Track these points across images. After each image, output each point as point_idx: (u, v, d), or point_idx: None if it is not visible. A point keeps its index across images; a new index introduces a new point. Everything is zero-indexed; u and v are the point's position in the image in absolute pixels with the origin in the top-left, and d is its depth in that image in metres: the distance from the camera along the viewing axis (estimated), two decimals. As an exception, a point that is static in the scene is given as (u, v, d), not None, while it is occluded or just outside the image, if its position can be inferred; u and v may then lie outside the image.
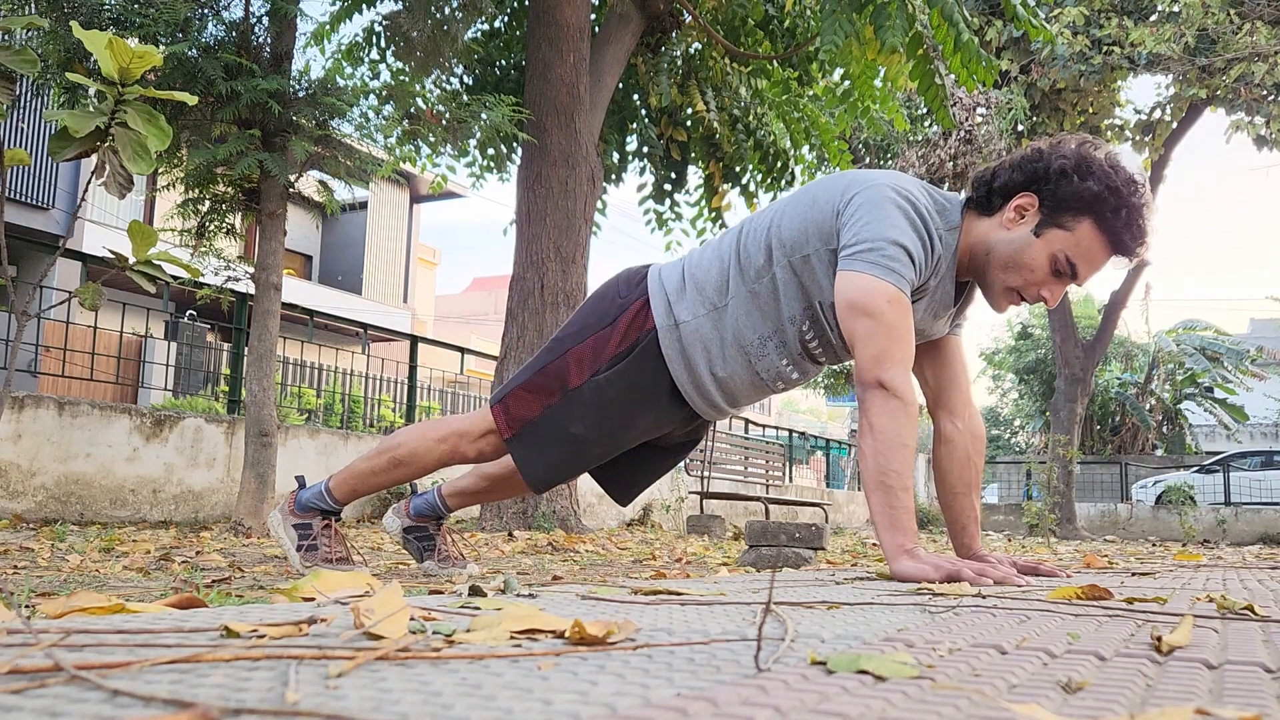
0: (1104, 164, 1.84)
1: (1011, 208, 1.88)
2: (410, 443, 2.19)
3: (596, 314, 2.08)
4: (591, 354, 2.02)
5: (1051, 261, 1.86)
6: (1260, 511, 13.31)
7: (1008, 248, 1.88)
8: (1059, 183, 1.83)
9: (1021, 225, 1.88)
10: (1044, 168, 1.86)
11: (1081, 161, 1.84)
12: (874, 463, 1.78)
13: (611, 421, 2.02)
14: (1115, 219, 1.82)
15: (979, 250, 1.92)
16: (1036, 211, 1.86)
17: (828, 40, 4.82)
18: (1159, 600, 1.31)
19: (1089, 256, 1.85)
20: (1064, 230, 1.84)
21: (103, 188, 2.22)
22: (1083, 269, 1.87)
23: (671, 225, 7.28)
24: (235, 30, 4.20)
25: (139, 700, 0.50)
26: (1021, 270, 1.88)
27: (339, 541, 2.29)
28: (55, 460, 4.75)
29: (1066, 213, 1.84)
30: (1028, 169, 1.89)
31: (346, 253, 20.62)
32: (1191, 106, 11.44)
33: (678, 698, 0.55)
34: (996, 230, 1.90)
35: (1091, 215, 1.82)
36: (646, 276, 2.09)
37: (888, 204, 1.83)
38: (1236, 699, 0.62)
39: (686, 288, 2.01)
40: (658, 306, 2.01)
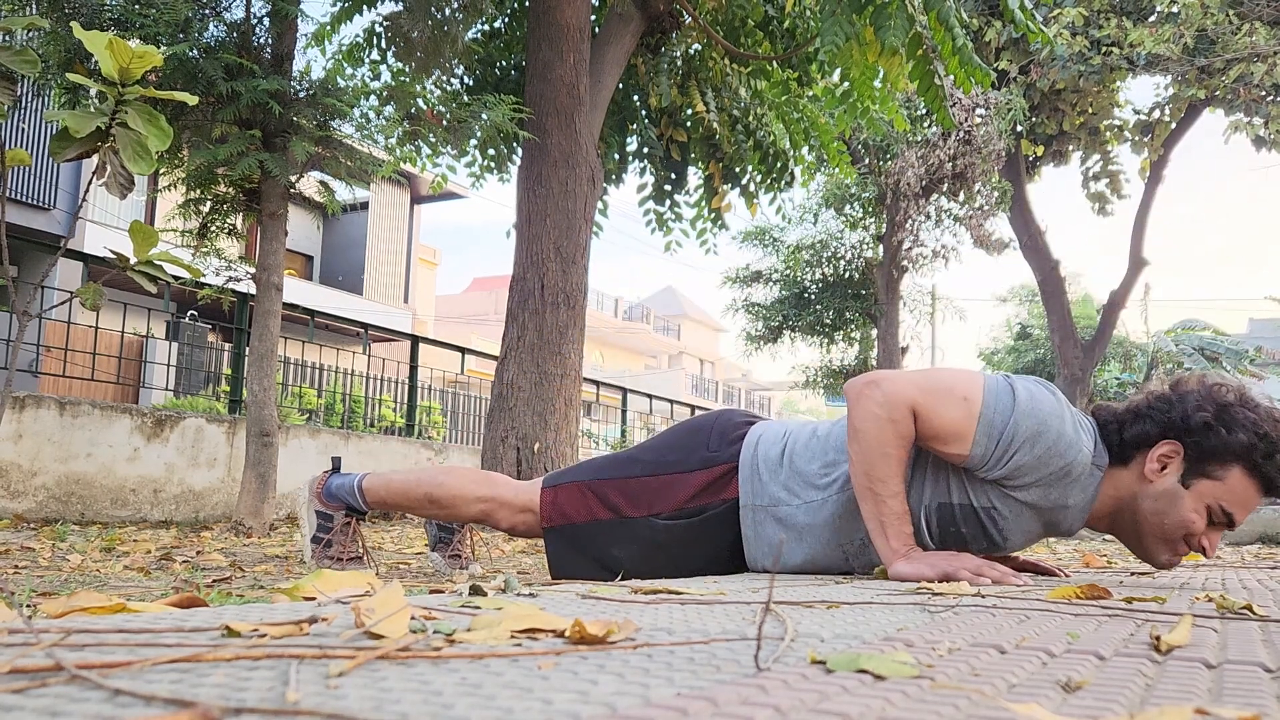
0: (1246, 411, 1.77)
1: (1154, 458, 1.80)
2: (453, 488, 2.17)
3: (681, 451, 2.02)
4: (658, 493, 1.98)
5: (1207, 513, 1.78)
6: (1259, 511, 13.28)
7: (1157, 503, 1.80)
8: (1204, 435, 1.76)
9: (1166, 476, 1.80)
10: (1181, 418, 1.78)
11: (1222, 412, 1.77)
12: (862, 470, 1.77)
13: (652, 561, 1.98)
14: (1268, 464, 1.75)
15: (1126, 505, 1.84)
16: (1180, 461, 1.79)
17: (828, 41, 4.82)
18: (1158, 600, 1.31)
19: (1244, 502, 1.78)
20: (1213, 480, 1.77)
21: (104, 188, 2.22)
22: (1238, 515, 1.79)
23: (671, 226, 7.28)
24: (236, 31, 4.20)
25: (140, 700, 0.50)
26: (1178, 525, 1.79)
27: (355, 541, 2.29)
28: (56, 460, 4.75)
29: (1213, 461, 1.76)
30: (1160, 420, 1.80)
31: (347, 253, 20.62)
32: (1190, 107, 11.45)
33: (678, 697, 0.55)
34: (1138, 483, 1.82)
35: (1242, 463, 1.75)
36: (744, 437, 2.01)
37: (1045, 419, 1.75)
38: (1236, 698, 0.63)
39: (784, 469, 1.93)
40: (746, 482, 1.94)
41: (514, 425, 5.05)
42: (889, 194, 12.19)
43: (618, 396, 11.06)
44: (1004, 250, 12.80)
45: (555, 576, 2.10)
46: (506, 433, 5.04)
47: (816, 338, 14.95)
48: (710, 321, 49.46)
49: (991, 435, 1.74)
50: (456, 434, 11.35)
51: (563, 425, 5.13)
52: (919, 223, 12.59)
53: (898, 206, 12.22)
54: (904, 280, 13.33)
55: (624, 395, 11.03)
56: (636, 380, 30.91)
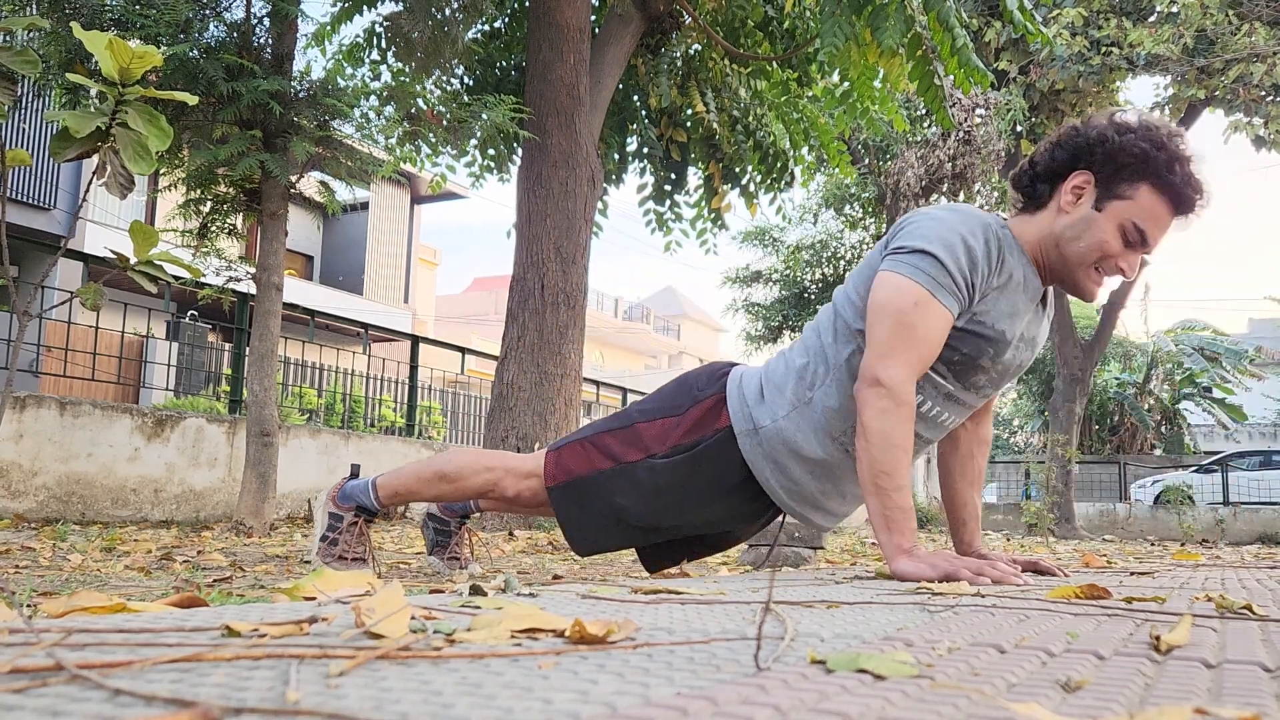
0: (1142, 123, 1.84)
1: (1067, 189, 1.87)
2: (459, 461, 2.20)
3: (671, 399, 2.07)
4: (653, 435, 2.01)
5: (1121, 233, 1.84)
6: (1259, 511, 13.30)
7: (1073, 230, 1.86)
8: (1104, 149, 1.82)
9: (1080, 205, 1.86)
10: (1084, 140, 1.85)
11: (1120, 124, 1.84)
12: (867, 465, 1.77)
13: (656, 504, 1.99)
14: (1171, 174, 1.80)
15: (1047, 244, 1.90)
16: (1093, 188, 1.85)
17: (827, 42, 4.82)
18: (1158, 599, 1.31)
19: (1155, 219, 1.83)
20: (1124, 199, 1.83)
21: (104, 188, 2.22)
22: (1152, 233, 1.84)
23: (671, 226, 7.29)
24: (236, 31, 4.21)
25: (140, 699, 0.50)
26: (1095, 248, 1.85)
27: (361, 541, 2.30)
28: (57, 460, 4.75)
29: (1122, 181, 1.82)
30: (1068, 145, 1.88)
31: (347, 253, 20.62)
32: (1190, 107, 11.44)
33: (678, 697, 0.55)
34: (1057, 218, 1.88)
35: (1147, 177, 1.81)
36: (728, 375, 2.07)
37: (929, 219, 1.82)
38: (1235, 698, 0.63)
39: (765, 392, 1.98)
40: (735, 410, 1.98)
41: (514, 425, 5.05)
42: (889, 194, 12.19)
43: (618, 396, 11.07)
44: (1004, 250, 12.79)
45: (568, 538, 2.10)
46: (506, 433, 5.04)
47: (816, 338, 14.93)
48: (710, 321, 49.47)
49: (954, 291, 1.79)
50: (456, 434, 11.36)
51: (563, 425, 5.13)
52: (919, 223, 12.57)
53: (898, 206, 12.22)
54: (904, 280, 13.30)
55: (624, 395, 11.03)
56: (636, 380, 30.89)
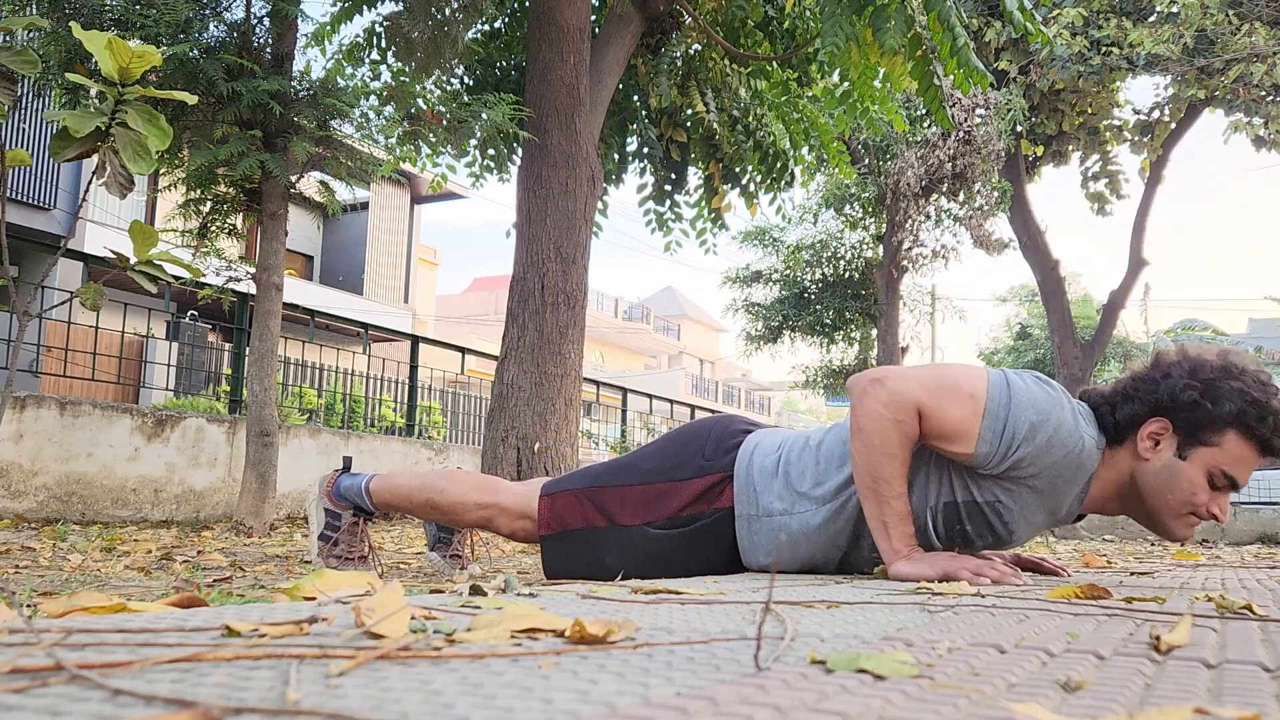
0: (1231, 382, 1.76)
1: (1145, 435, 1.80)
2: (454, 494, 2.18)
3: (676, 459, 2.02)
4: (652, 500, 1.98)
5: (1209, 479, 1.78)
6: (1259, 511, 13.27)
7: (1157, 479, 1.80)
8: (1193, 411, 1.76)
9: (1161, 452, 1.80)
10: (1168, 397, 1.78)
11: (1209, 387, 1.76)
12: (865, 470, 1.76)
13: (644, 569, 1.98)
14: (1261, 427, 1.75)
15: (1126, 483, 1.84)
16: (1172, 435, 1.79)
17: (828, 42, 4.82)
18: (1158, 600, 1.31)
19: (1243, 464, 1.77)
20: (1210, 447, 1.77)
21: (104, 188, 2.22)
22: (1240, 476, 1.79)
23: (671, 226, 7.28)
24: (236, 31, 4.20)
25: (140, 699, 0.50)
26: (1182, 496, 1.79)
27: (361, 541, 2.30)
28: (57, 460, 4.75)
29: (1206, 430, 1.76)
30: (1148, 400, 1.81)
31: (347, 253, 20.62)
32: (1190, 107, 11.44)
33: (678, 697, 0.55)
34: (1135, 461, 1.82)
35: (1235, 428, 1.75)
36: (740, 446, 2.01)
37: (1047, 397, 1.77)
38: (1235, 698, 0.63)
39: (780, 477, 1.93)
40: (741, 492, 1.94)
41: (514, 425, 5.05)
42: (889, 194, 12.19)
43: (618, 396, 11.07)
44: (1004, 250, 12.80)
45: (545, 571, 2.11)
46: (507, 433, 5.04)
47: (816, 338, 14.95)
48: (710, 321, 49.46)
49: (996, 431, 1.73)
50: (456, 434, 11.35)
51: (563, 425, 5.13)
52: (919, 223, 12.59)
53: (897, 206, 12.22)
54: (904, 280, 13.32)
55: (624, 395, 11.03)
56: (636, 380, 30.90)
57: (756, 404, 47.03)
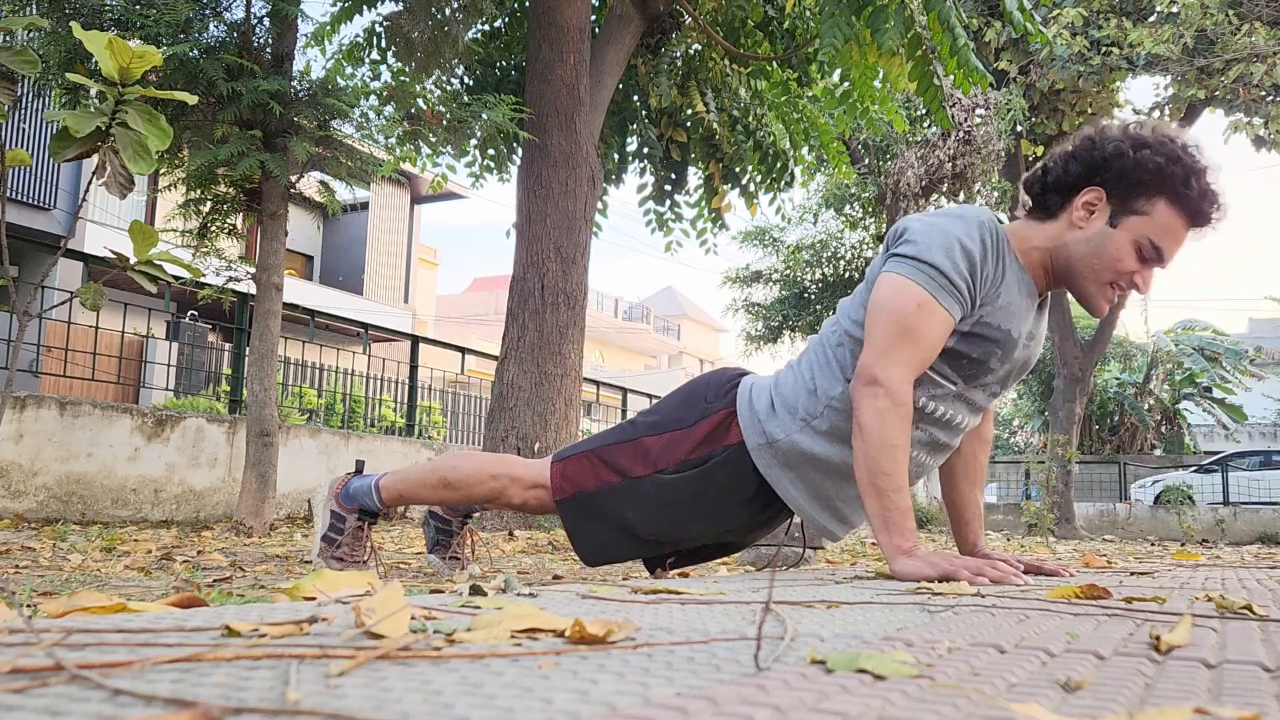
0: (1158, 136, 1.81)
1: (1079, 204, 1.85)
2: (465, 468, 2.18)
3: (678, 410, 2.04)
4: (661, 450, 1.99)
5: (1137, 249, 1.82)
6: (1259, 511, 13.30)
7: (1087, 246, 1.84)
8: (1119, 165, 1.80)
9: (1094, 220, 1.84)
10: (1099, 155, 1.83)
11: (1136, 138, 1.81)
12: (865, 465, 1.77)
13: (665, 520, 1.98)
14: (1188, 189, 1.78)
15: (1057, 256, 1.88)
16: (1106, 203, 1.83)
17: (827, 43, 4.82)
18: (1158, 600, 1.31)
19: (1171, 234, 1.81)
20: (1140, 215, 1.80)
21: (104, 188, 2.22)
22: (1168, 248, 1.82)
23: (672, 226, 7.29)
24: (236, 31, 4.21)
25: (140, 699, 0.50)
26: (1110, 265, 1.83)
27: (363, 545, 2.31)
28: (57, 460, 4.75)
29: (1138, 196, 1.80)
30: (1082, 158, 1.85)
31: (347, 253, 20.62)
32: (1190, 107, 11.44)
33: (678, 696, 0.55)
34: (1068, 231, 1.86)
35: (1163, 193, 1.78)
36: (737, 387, 2.04)
37: (926, 224, 1.81)
38: (1235, 698, 0.63)
39: (776, 407, 1.96)
40: (747, 424, 1.96)
41: (514, 425, 5.05)
42: (889, 194, 12.19)
43: (618, 396, 11.07)
44: (1004, 250, 12.78)
45: (577, 550, 2.09)
46: (507, 433, 5.04)
47: (816, 338, 14.95)
48: (710, 321, 49.46)
49: (955, 294, 1.78)
50: (456, 434, 11.35)
51: (563, 425, 5.13)
52: (919, 223, 12.58)
53: (898, 206, 12.22)
54: (904, 280, 13.30)
55: (624, 395, 11.03)
56: (636, 380, 30.90)
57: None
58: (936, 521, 10.81)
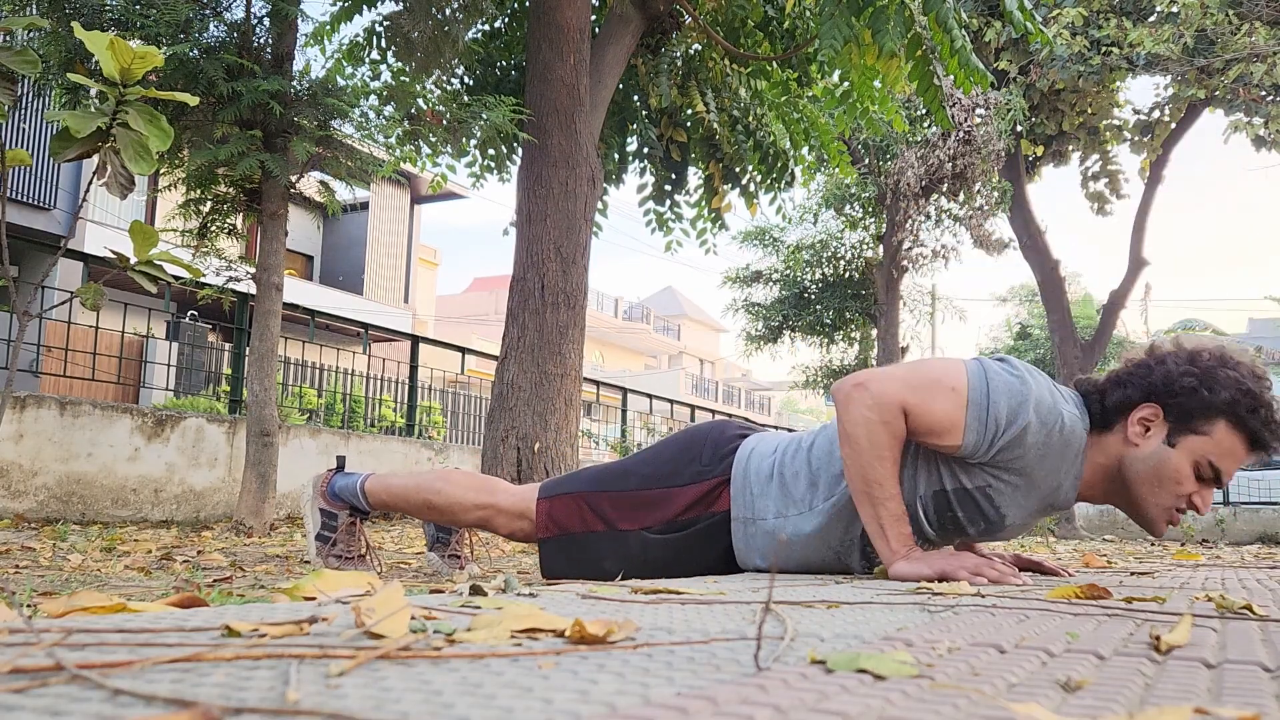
0: (1228, 371, 1.75)
1: (1135, 421, 1.80)
2: (452, 494, 2.18)
3: (674, 464, 2.03)
4: (650, 506, 1.99)
5: (1195, 469, 1.77)
6: (1259, 511, 13.30)
7: (1145, 465, 1.79)
8: (1188, 398, 1.75)
9: (1150, 438, 1.79)
10: (1163, 382, 1.78)
11: (1207, 375, 1.75)
12: (858, 474, 1.77)
13: (642, 573, 1.98)
14: (1253, 419, 1.74)
15: (1113, 469, 1.84)
16: (1162, 422, 1.78)
17: (826, 44, 4.81)
18: (1158, 600, 1.31)
19: (1231, 456, 1.77)
20: (1199, 436, 1.76)
21: (104, 188, 2.22)
22: (1227, 469, 1.78)
23: (672, 226, 7.29)
24: (236, 31, 4.21)
25: (140, 699, 0.50)
26: (1168, 485, 1.79)
27: (359, 540, 2.31)
28: (57, 460, 4.75)
29: (1197, 419, 1.75)
30: (1141, 385, 1.80)
31: (348, 253, 20.62)
32: (1190, 107, 11.44)
33: (678, 696, 0.55)
34: (1124, 447, 1.82)
35: (1226, 418, 1.74)
36: (736, 451, 2.02)
37: (1025, 379, 1.77)
38: (1235, 698, 0.63)
39: (775, 483, 1.94)
40: (738, 495, 1.95)
41: (514, 425, 5.05)
42: (889, 194, 12.19)
43: (618, 396, 11.07)
44: (1004, 250, 12.79)
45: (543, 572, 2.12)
46: (507, 433, 5.04)
47: (816, 338, 14.95)
48: (710, 321, 49.46)
49: (981, 420, 1.74)
50: (456, 434, 11.35)
51: (563, 425, 5.13)
52: (919, 223, 12.59)
53: (897, 206, 12.22)
54: (904, 280, 13.32)
55: (624, 395, 11.03)
56: (636, 380, 30.91)
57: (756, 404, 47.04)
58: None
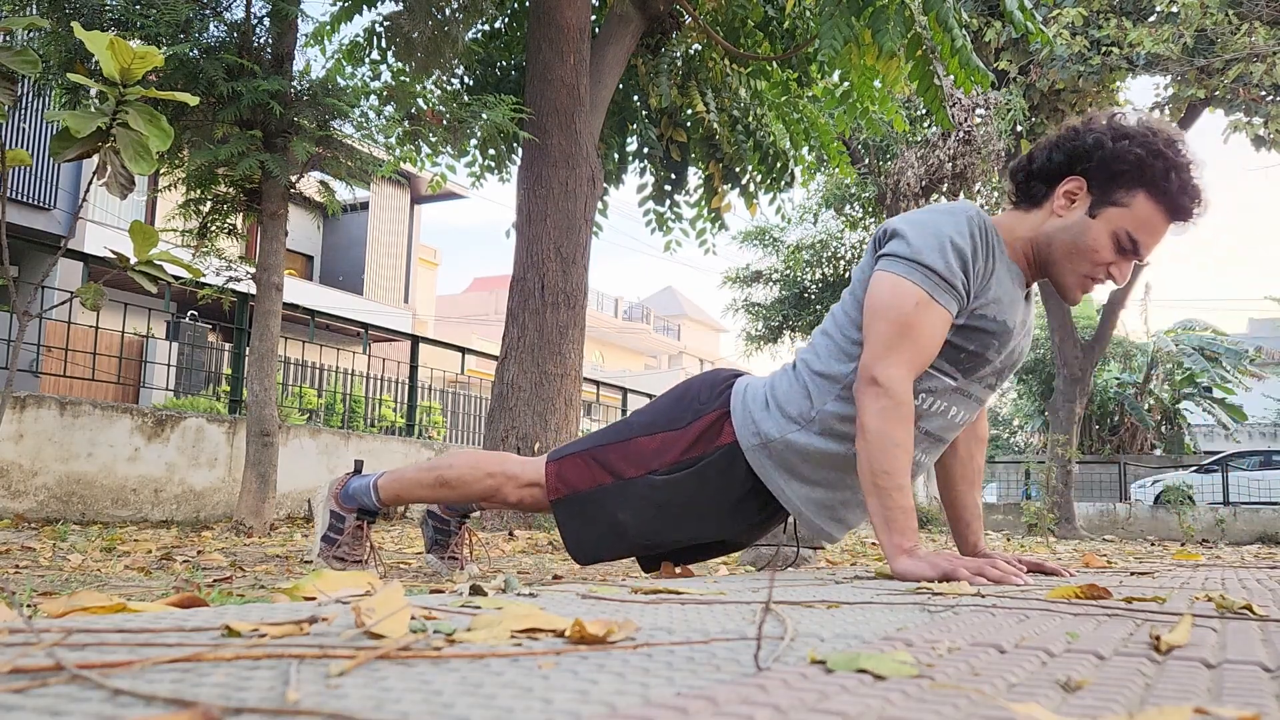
0: (1140, 128, 1.82)
1: (1060, 193, 1.86)
2: (460, 467, 2.19)
3: (673, 411, 2.05)
4: (655, 451, 2.00)
5: (1114, 240, 1.83)
6: (1259, 511, 13.30)
7: (1066, 235, 1.86)
8: (1099, 154, 1.80)
9: (1074, 210, 1.85)
10: (1081, 145, 1.84)
11: (1117, 129, 1.82)
12: (867, 465, 1.77)
13: (658, 520, 1.99)
14: (1167, 183, 1.79)
15: (1039, 244, 1.90)
16: (1086, 193, 1.84)
17: (826, 44, 4.82)
18: (1158, 599, 1.31)
19: (1150, 227, 1.82)
20: (1119, 206, 1.81)
21: (104, 188, 2.22)
22: (1145, 241, 1.83)
23: (672, 226, 7.29)
24: (236, 31, 4.21)
25: (140, 699, 0.50)
26: (1086, 254, 1.85)
27: (363, 544, 2.31)
28: (57, 460, 4.75)
29: (1118, 188, 1.81)
30: (1065, 147, 1.86)
31: (348, 253, 20.62)
32: (1190, 107, 11.43)
33: (678, 696, 0.55)
34: (1049, 220, 1.88)
35: (1143, 185, 1.79)
36: (731, 388, 2.04)
37: (914, 224, 1.82)
38: (1235, 698, 0.63)
39: (771, 406, 1.96)
40: (741, 424, 1.97)
41: (514, 425, 5.05)
42: (889, 194, 12.19)
43: (618, 396, 11.07)
44: (1004, 250, 12.78)
45: (569, 549, 2.10)
46: (507, 432, 5.04)
47: (816, 338, 14.94)
48: (710, 321, 49.46)
49: (952, 292, 1.79)
50: (456, 434, 11.35)
51: (563, 425, 5.13)
52: (919, 223, 12.58)
53: (897, 206, 12.22)
54: (904, 280, 13.31)
55: (624, 395, 11.03)
56: (636, 380, 30.89)
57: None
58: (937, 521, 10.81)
